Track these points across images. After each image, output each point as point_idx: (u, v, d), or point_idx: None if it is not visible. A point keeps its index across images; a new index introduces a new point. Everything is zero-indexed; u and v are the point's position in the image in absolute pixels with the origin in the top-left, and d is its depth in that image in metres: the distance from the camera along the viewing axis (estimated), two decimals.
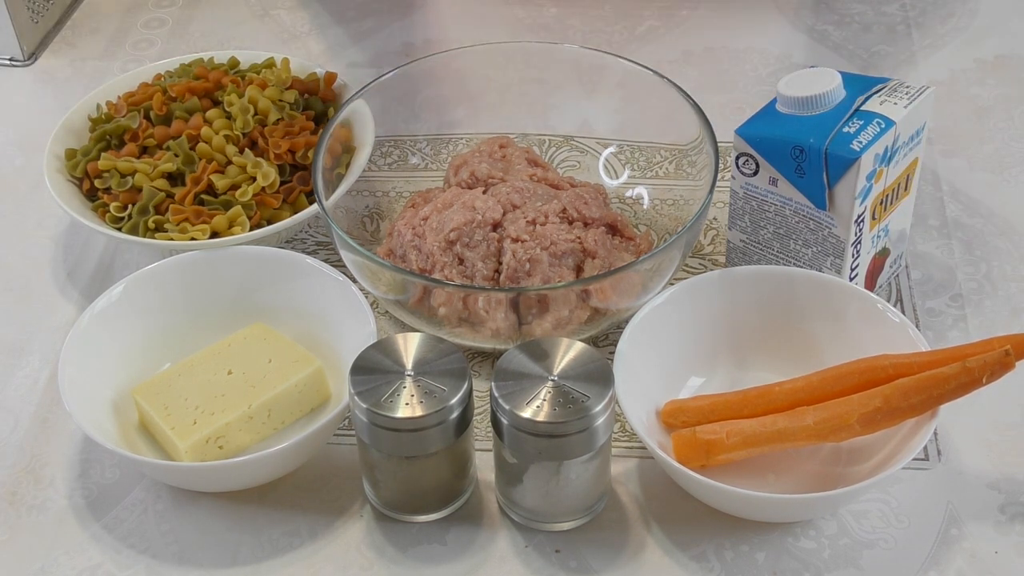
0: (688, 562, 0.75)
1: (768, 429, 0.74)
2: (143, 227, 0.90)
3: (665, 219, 0.95)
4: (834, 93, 0.82)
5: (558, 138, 1.01)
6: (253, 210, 0.90)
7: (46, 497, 0.80)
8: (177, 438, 0.77)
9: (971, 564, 0.74)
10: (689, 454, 0.75)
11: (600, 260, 0.86)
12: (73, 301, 0.93)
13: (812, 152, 0.80)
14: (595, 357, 0.73)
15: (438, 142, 1.02)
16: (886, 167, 0.81)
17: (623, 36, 1.16)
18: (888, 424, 0.74)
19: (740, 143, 0.83)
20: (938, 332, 0.87)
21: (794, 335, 0.83)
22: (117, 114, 0.98)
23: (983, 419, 0.82)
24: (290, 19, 1.21)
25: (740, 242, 0.88)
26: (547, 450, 0.71)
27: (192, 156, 0.93)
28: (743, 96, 1.08)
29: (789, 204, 0.83)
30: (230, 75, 1.00)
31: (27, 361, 0.89)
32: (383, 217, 0.96)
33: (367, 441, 0.73)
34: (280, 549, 0.77)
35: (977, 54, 1.12)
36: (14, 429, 0.84)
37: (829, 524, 0.76)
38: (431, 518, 0.77)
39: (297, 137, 0.94)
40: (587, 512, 0.76)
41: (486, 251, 0.86)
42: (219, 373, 0.81)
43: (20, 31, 1.16)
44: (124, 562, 0.76)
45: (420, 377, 0.73)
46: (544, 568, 0.75)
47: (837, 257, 0.83)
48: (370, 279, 0.84)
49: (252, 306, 0.87)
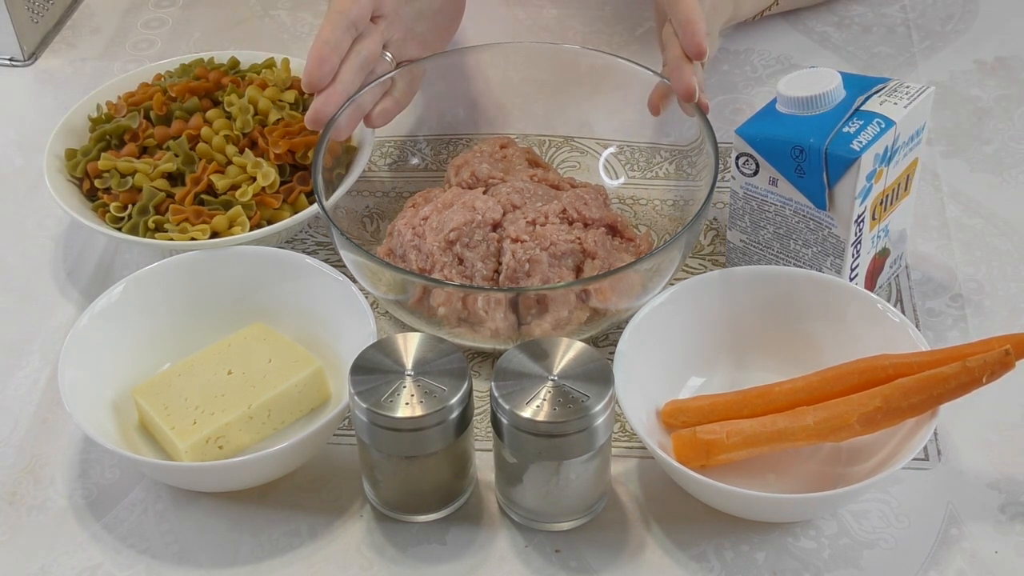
0: (688, 562, 0.75)
1: (768, 429, 0.74)
2: (143, 227, 0.90)
3: (665, 219, 0.95)
4: (834, 93, 0.82)
5: (558, 138, 1.01)
6: (253, 210, 0.90)
7: (46, 497, 0.80)
8: (177, 438, 0.77)
9: (971, 564, 0.74)
10: (689, 454, 0.75)
11: (600, 261, 0.86)
12: (73, 301, 0.93)
13: (812, 152, 0.80)
14: (595, 357, 0.73)
15: (438, 142, 1.02)
16: (886, 167, 0.81)
17: (623, 37, 1.16)
18: (888, 424, 0.74)
19: (740, 143, 0.83)
20: (938, 332, 0.87)
21: (794, 335, 0.83)
22: (117, 114, 0.98)
23: (983, 419, 0.82)
24: (290, 19, 1.21)
25: (740, 242, 0.88)
26: (547, 450, 0.71)
27: (192, 156, 0.93)
28: (743, 96, 1.08)
29: (789, 204, 0.83)
30: (230, 75, 1.00)
31: (27, 361, 0.89)
32: (383, 217, 0.96)
33: (367, 441, 0.73)
34: (280, 549, 0.77)
35: (977, 55, 1.12)
36: (14, 429, 0.84)
37: (829, 524, 0.76)
38: (431, 518, 0.77)
39: (297, 137, 0.94)
40: (587, 512, 0.76)
41: (486, 251, 0.86)
42: (219, 373, 0.81)
43: (20, 31, 1.16)
44: (124, 562, 0.76)
45: (420, 377, 0.73)
46: (544, 568, 0.75)
47: (837, 257, 0.83)
48: (370, 279, 0.84)
49: (252, 306, 0.87)
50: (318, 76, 0.87)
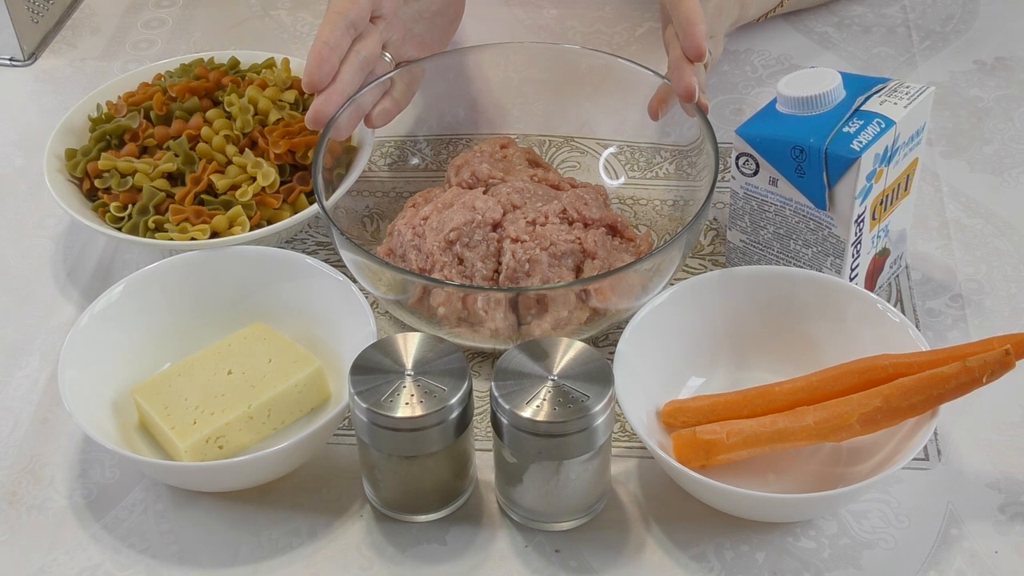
0: (688, 562, 0.75)
1: (768, 429, 0.74)
2: (143, 227, 0.90)
3: (665, 219, 0.95)
4: (834, 93, 0.82)
5: (558, 138, 1.01)
6: (253, 210, 0.90)
7: (46, 497, 0.80)
8: (177, 438, 0.77)
9: (971, 564, 0.74)
10: (689, 454, 0.75)
11: (600, 261, 0.86)
12: (73, 301, 0.93)
13: (812, 152, 0.80)
14: (595, 357, 0.73)
15: (438, 142, 1.02)
16: (886, 167, 0.81)
17: (623, 37, 1.16)
18: (888, 424, 0.74)
19: (740, 143, 0.83)
20: (938, 332, 0.87)
21: (794, 335, 0.83)
22: (117, 114, 0.98)
23: (983, 419, 0.82)
24: (290, 19, 1.21)
25: (740, 242, 0.88)
26: (547, 450, 0.71)
27: (192, 156, 0.93)
28: (743, 96, 1.08)
29: (789, 204, 0.83)
30: (230, 75, 1.00)
31: (27, 361, 0.89)
32: (383, 217, 0.96)
33: (367, 441, 0.73)
34: (280, 549, 0.76)
35: (977, 56, 1.12)
36: (14, 429, 0.84)
37: (829, 524, 0.76)
38: (431, 518, 0.77)
39: (297, 137, 0.94)
40: (587, 512, 0.76)
41: (486, 251, 0.86)
42: (219, 373, 0.81)
43: (20, 31, 1.16)
44: (124, 562, 0.76)
45: (420, 377, 0.73)
46: (544, 568, 0.75)
47: (837, 257, 0.83)
48: (370, 279, 0.84)
49: (252, 306, 0.87)
50: (318, 76, 0.88)
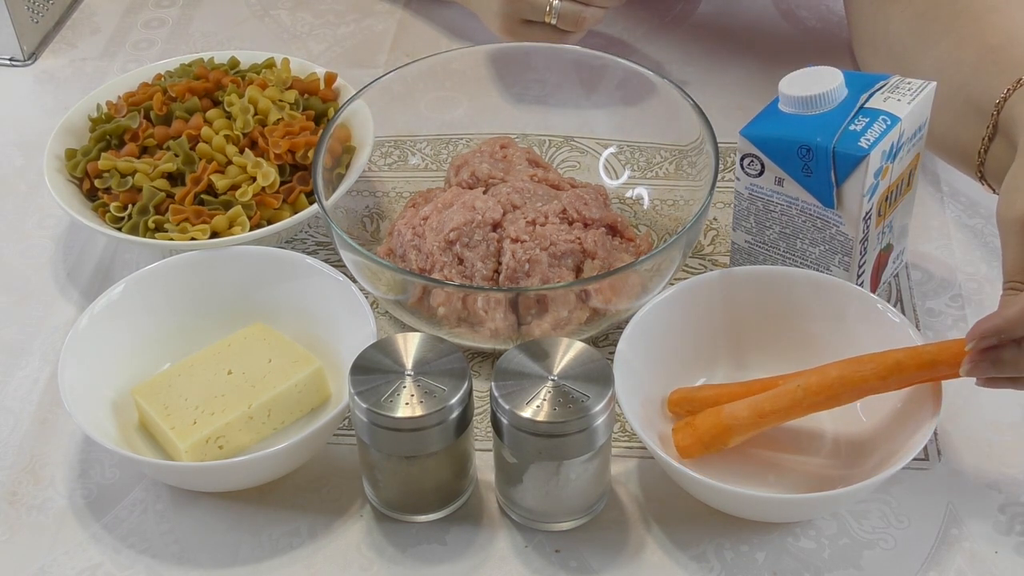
0: (688, 562, 0.75)
1: (776, 402, 0.74)
2: (143, 227, 0.90)
3: (665, 220, 0.95)
4: (837, 91, 0.82)
5: (558, 138, 1.01)
6: (253, 210, 0.90)
7: (46, 497, 0.80)
8: (177, 438, 0.77)
9: (971, 564, 0.74)
10: (703, 430, 0.75)
11: (600, 261, 0.86)
12: (73, 301, 0.93)
13: (819, 151, 0.80)
14: (595, 357, 0.73)
15: (438, 142, 1.02)
16: (891, 164, 0.81)
17: (623, 37, 1.16)
18: (901, 385, 0.73)
19: (745, 144, 0.83)
20: (938, 332, 0.87)
21: (794, 335, 0.83)
22: (117, 114, 0.98)
23: (983, 419, 0.82)
24: (290, 19, 1.21)
25: (745, 243, 0.88)
26: (547, 450, 0.71)
27: (192, 156, 0.93)
28: (743, 97, 1.08)
29: (795, 204, 0.83)
30: (230, 75, 1.00)
31: (27, 361, 0.89)
32: (383, 217, 0.96)
33: (367, 441, 0.73)
34: (280, 549, 0.76)
35: None
36: (14, 429, 0.84)
37: (829, 524, 0.76)
38: (431, 518, 0.77)
39: (297, 137, 0.93)
40: (587, 512, 0.76)
41: (486, 251, 0.86)
42: (219, 373, 0.81)
43: (20, 31, 1.16)
44: (124, 562, 0.76)
45: (420, 377, 0.73)
46: (544, 568, 0.75)
47: (845, 255, 0.83)
48: (370, 279, 0.84)
49: (252, 306, 0.87)
50: None
